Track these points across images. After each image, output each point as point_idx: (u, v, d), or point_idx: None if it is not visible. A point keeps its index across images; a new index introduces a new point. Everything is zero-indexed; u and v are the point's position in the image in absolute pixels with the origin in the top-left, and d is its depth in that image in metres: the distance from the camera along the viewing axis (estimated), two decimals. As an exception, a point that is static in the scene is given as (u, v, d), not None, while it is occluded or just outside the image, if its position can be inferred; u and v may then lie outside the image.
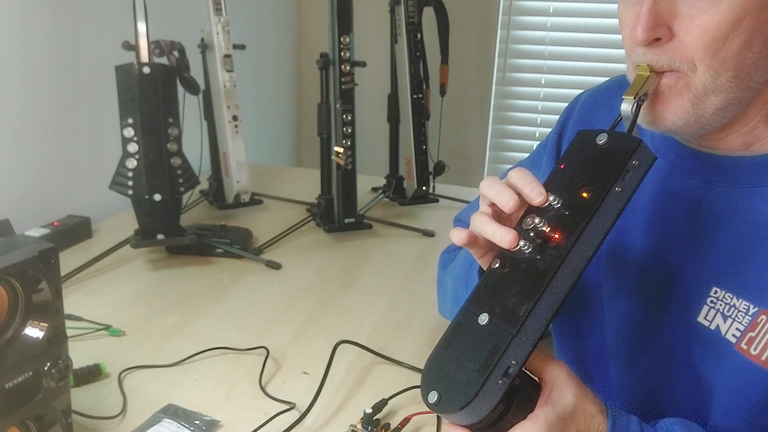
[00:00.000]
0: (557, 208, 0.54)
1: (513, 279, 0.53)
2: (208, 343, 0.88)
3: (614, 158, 0.53)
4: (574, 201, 0.53)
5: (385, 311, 1.01)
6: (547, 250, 0.52)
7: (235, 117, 1.32)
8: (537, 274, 0.52)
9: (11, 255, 0.57)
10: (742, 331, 0.59)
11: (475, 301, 0.55)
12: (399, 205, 1.49)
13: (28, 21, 1.15)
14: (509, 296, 0.52)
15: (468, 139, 2.11)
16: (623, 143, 0.53)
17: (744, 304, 0.59)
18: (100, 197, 1.21)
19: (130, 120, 1.06)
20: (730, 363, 0.61)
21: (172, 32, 1.18)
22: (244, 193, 1.38)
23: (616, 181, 0.52)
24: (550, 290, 0.51)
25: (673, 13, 0.55)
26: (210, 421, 0.73)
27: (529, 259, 0.53)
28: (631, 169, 0.52)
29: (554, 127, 0.84)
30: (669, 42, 0.56)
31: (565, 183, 0.55)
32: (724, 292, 0.61)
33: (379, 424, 0.73)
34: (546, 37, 1.99)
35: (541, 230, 0.53)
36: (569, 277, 0.51)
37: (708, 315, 0.62)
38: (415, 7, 1.41)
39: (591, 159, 0.55)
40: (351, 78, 1.25)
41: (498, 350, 0.50)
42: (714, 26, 0.53)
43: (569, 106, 0.83)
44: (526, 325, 0.50)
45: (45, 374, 0.61)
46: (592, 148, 0.55)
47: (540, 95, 2.05)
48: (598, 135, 0.55)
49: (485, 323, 0.52)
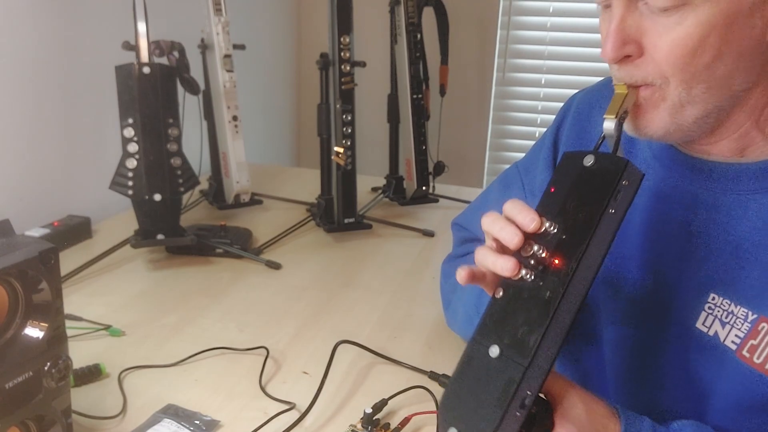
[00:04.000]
0: (554, 233, 0.54)
1: (518, 308, 0.54)
2: (208, 343, 0.88)
3: (604, 180, 0.53)
4: (570, 225, 0.54)
5: (385, 311, 1.01)
6: (549, 276, 0.53)
7: (235, 117, 1.32)
8: (542, 301, 0.52)
9: (11, 255, 0.57)
10: (741, 338, 0.60)
11: (483, 332, 0.55)
12: (399, 205, 1.49)
13: (28, 21, 1.15)
14: (517, 326, 0.53)
15: (468, 139, 2.11)
16: (611, 164, 0.54)
17: (742, 311, 0.59)
18: (100, 197, 1.21)
19: (130, 120, 1.06)
20: (730, 369, 0.60)
21: (172, 32, 1.19)
22: (244, 194, 1.38)
23: (608, 202, 0.52)
24: (557, 317, 0.51)
25: (641, 30, 0.56)
26: (210, 421, 0.73)
27: (533, 287, 0.53)
28: (622, 189, 0.53)
29: (549, 128, 0.84)
30: (640, 58, 0.57)
31: (558, 207, 0.55)
32: (721, 298, 0.61)
33: (379, 424, 0.73)
34: (546, 37, 1.99)
35: (540, 257, 0.54)
36: (574, 302, 0.52)
37: (706, 321, 0.62)
38: (415, 8, 1.41)
39: (580, 181, 0.55)
40: (351, 78, 1.25)
41: (512, 383, 0.51)
42: (681, 43, 0.54)
43: (564, 107, 0.83)
44: (537, 356, 0.51)
45: (45, 374, 0.61)
46: (580, 170, 0.55)
47: (540, 95, 2.05)
48: (585, 157, 0.55)
49: (496, 356, 0.53)
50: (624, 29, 0.56)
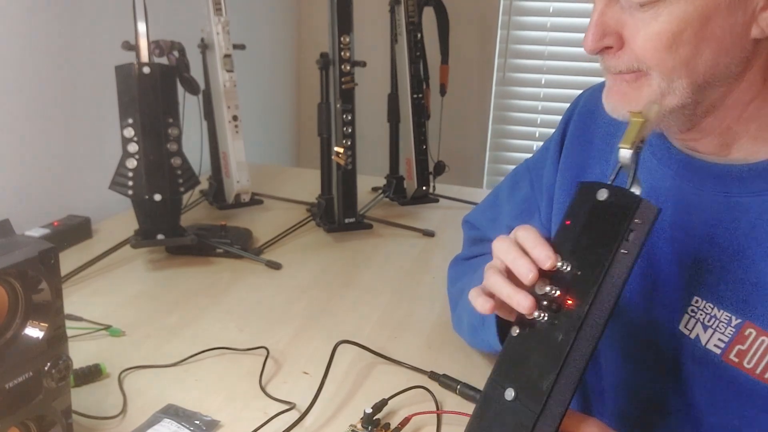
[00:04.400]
0: (567, 271, 0.53)
1: (533, 349, 0.53)
2: (208, 343, 0.88)
3: (616, 217, 0.52)
4: (583, 264, 0.53)
5: (385, 311, 1.01)
6: (562, 317, 0.52)
7: (235, 117, 1.32)
8: (555, 344, 0.51)
9: (11, 255, 0.57)
10: (726, 342, 0.60)
11: (501, 372, 0.55)
12: (399, 205, 1.49)
13: (28, 21, 1.15)
14: (531, 368, 0.52)
15: (468, 139, 2.11)
16: (624, 200, 0.52)
17: (725, 315, 0.60)
18: (100, 197, 1.21)
19: (130, 120, 1.06)
20: (716, 373, 0.60)
21: (172, 32, 1.18)
22: (244, 193, 1.38)
23: (620, 243, 0.51)
24: (569, 362, 0.51)
25: (621, 23, 0.57)
26: (210, 421, 0.73)
27: (546, 328, 0.53)
28: (635, 228, 0.51)
29: (558, 126, 0.84)
30: (621, 49, 0.58)
31: (572, 243, 0.54)
32: (704, 302, 0.61)
33: (379, 424, 0.73)
34: (546, 37, 1.99)
35: (554, 296, 0.53)
36: (587, 346, 0.51)
37: (689, 324, 0.62)
38: (415, 7, 1.41)
39: (594, 216, 0.53)
40: (351, 78, 1.25)
41: (526, 430, 0.51)
42: (656, 37, 0.55)
43: (572, 106, 0.83)
44: (550, 402, 0.50)
45: (45, 374, 0.61)
46: (594, 204, 0.54)
47: (540, 95, 2.05)
48: (599, 190, 0.54)
49: (511, 399, 0.53)
50: (604, 22, 0.58)
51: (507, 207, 0.91)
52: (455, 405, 0.77)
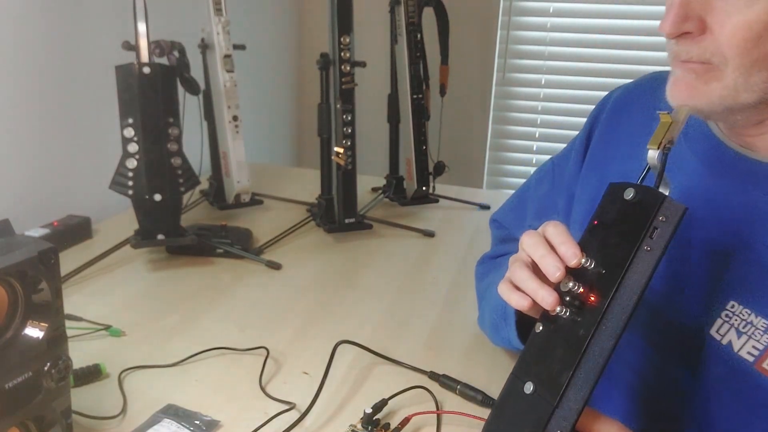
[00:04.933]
0: (592, 268, 0.53)
1: (555, 344, 0.54)
2: (208, 343, 0.88)
3: (640, 215, 0.52)
4: (607, 261, 0.53)
5: (385, 311, 1.01)
6: (585, 313, 0.52)
7: (235, 117, 1.32)
8: (576, 340, 0.52)
9: (11, 255, 0.57)
10: (761, 350, 0.57)
11: (522, 367, 0.56)
12: (399, 205, 1.49)
13: (27, 21, 1.15)
14: (552, 363, 0.53)
15: (468, 139, 2.11)
16: (649, 198, 0.52)
17: (763, 323, 0.57)
18: (100, 197, 1.21)
19: (130, 120, 1.06)
20: (746, 382, 0.58)
21: (172, 32, 1.19)
22: (245, 193, 1.38)
23: (642, 240, 0.51)
24: (588, 357, 0.51)
25: (708, 7, 0.54)
26: (210, 421, 0.73)
27: (569, 324, 0.53)
28: (659, 226, 0.51)
29: (584, 124, 0.82)
30: (701, 35, 0.55)
31: (599, 241, 0.54)
32: (741, 307, 0.58)
33: (379, 424, 0.73)
34: (546, 38, 1.99)
35: (577, 293, 0.53)
36: (607, 342, 0.51)
37: (721, 329, 0.60)
38: (415, 8, 1.41)
39: (620, 215, 0.54)
40: (351, 78, 1.25)
41: (542, 421, 0.51)
42: (747, 26, 0.52)
43: (601, 103, 0.81)
44: (566, 396, 0.51)
45: (45, 374, 0.61)
46: (622, 204, 0.54)
47: (540, 95, 2.05)
48: (626, 190, 0.54)
49: (530, 393, 0.53)
50: (689, 4, 0.54)
51: (534, 206, 0.91)
52: (455, 405, 0.77)
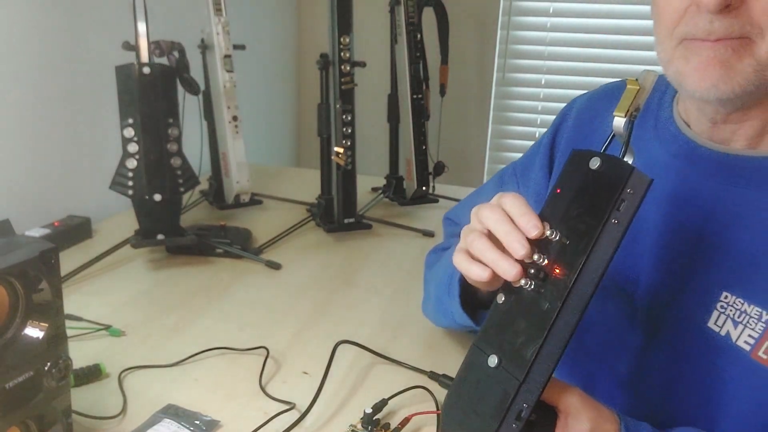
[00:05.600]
0: (556, 240, 0.53)
1: (518, 316, 0.53)
2: (208, 343, 0.88)
3: (607, 186, 0.51)
4: (572, 233, 0.52)
5: (385, 311, 1.01)
6: (549, 286, 0.52)
7: (235, 117, 1.32)
8: (540, 313, 0.51)
9: (12, 255, 0.57)
10: (756, 338, 0.58)
11: (485, 338, 0.55)
12: (399, 205, 1.49)
13: (28, 21, 1.15)
14: (516, 336, 0.52)
15: (468, 139, 2.11)
16: (616, 169, 0.51)
17: (756, 311, 0.58)
18: (100, 197, 1.22)
19: (130, 120, 1.06)
20: (744, 371, 0.59)
21: (172, 32, 1.18)
22: (244, 194, 1.38)
23: (610, 213, 0.50)
24: (554, 332, 0.50)
25: None
26: (210, 421, 0.73)
27: (532, 296, 0.53)
28: (626, 198, 0.50)
29: (547, 130, 0.83)
30: (739, 9, 0.54)
31: (562, 211, 0.53)
32: (734, 297, 0.59)
33: (379, 424, 0.73)
34: (546, 38, 1.99)
35: (541, 265, 0.53)
36: (573, 316, 0.50)
37: (718, 320, 0.60)
38: (415, 8, 1.41)
39: (585, 185, 0.53)
40: (351, 78, 1.25)
41: (508, 396, 0.51)
42: None
43: (563, 111, 0.82)
44: (533, 370, 0.50)
45: (45, 374, 0.61)
46: (586, 173, 0.53)
47: (540, 95, 2.05)
48: (591, 158, 0.53)
49: (495, 366, 0.53)
50: None
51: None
52: (455, 405, 0.77)
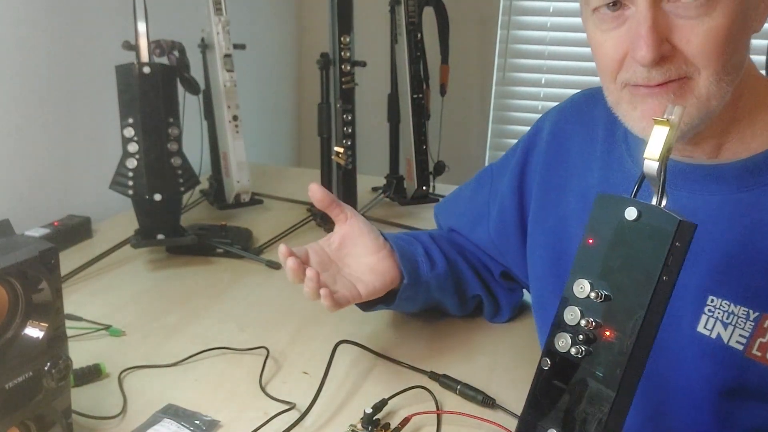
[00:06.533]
0: (602, 299, 0.49)
1: (572, 385, 0.49)
2: (208, 343, 0.88)
3: (653, 241, 0.47)
4: (618, 290, 0.48)
5: (385, 311, 1.01)
6: (602, 350, 0.48)
7: (235, 117, 1.32)
8: (598, 384, 0.48)
9: (11, 255, 0.57)
10: (747, 337, 0.59)
11: (538, 412, 0.51)
12: (399, 205, 1.49)
13: (27, 21, 1.15)
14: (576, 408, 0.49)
15: (468, 139, 2.11)
16: (659, 222, 0.47)
17: (743, 310, 0.59)
18: (100, 197, 1.21)
19: (130, 120, 1.06)
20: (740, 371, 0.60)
21: (172, 32, 1.18)
22: (245, 193, 1.38)
23: (662, 270, 0.46)
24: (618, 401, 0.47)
25: (670, 28, 0.55)
26: (210, 421, 0.73)
27: (585, 363, 0.49)
28: (674, 252, 0.46)
29: (521, 143, 0.84)
30: (672, 56, 0.56)
31: (600, 265, 0.49)
32: (720, 300, 0.61)
33: (379, 424, 0.73)
34: (546, 37, 1.99)
35: (590, 329, 0.49)
36: (632, 382, 0.47)
37: (707, 324, 0.62)
38: (415, 7, 1.41)
39: (623, 237, 0.49)
40: (351, 78, 1.25)
41: None
42: (713, 34, 0.54)
43: (537, 125, 0.82)
44: None
45: (45, 374, 0.61)
46: (622, 223, 0.49)
47: (540, 95, 2.05)
48: (627, 208, 0.48)
49: None
50: (657, 29, 0.55)
51: (468, 206, 0.95)
52: (455, 405, 0.77)
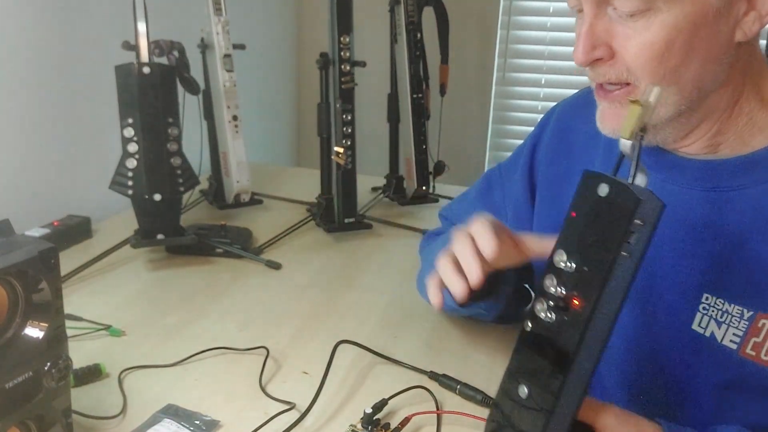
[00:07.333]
0: (572, 270, 0.52)
1: (544, 345, 0.54)
2: (208, 343, 0.88)
3: (617, 217, 0.50)
4: (588, 263, 0.52)
5: (385, 311, 1.01)
6: (569, 317, 0.52)
7: (235, 117, 1.32)
8: (562, 346, 0.52)
9: (11, 255, 0.57)
10: (741, 336, 0.60)
11: (516, 365, 0.56)
12: (399, 205, 1.49)
13: (27, 21, 1.15)
14: (542, 367, 0.53)
15: (468, 139, 2.11)
16: (624, 199, 0.49)
17: (737, 309, 0.60)
18: (100, 197, 1.21)
19: (130, 120, 1.06)
20: (735, 369, 0.60)
21: (172, 32, 1.18)
22: (244, 193, 1.38)
23: (620, 246, 0.49)
24: (577, 365, 0.51)
25: (611, 34, 0.58)
26: (210, 421, 0.73)
27: (554, 327, 0.53)
28: (636, 230, 0.49)
29: (529, 139, 0.85)
30: (612, 59, 0.59)
31: (577, 238, 0.53)
32: (715, 298, 0.61)
33: (379, 424, 0.73)
34: (546, 37, 1.99)
35: (560, 296, 0.53)
36: (594, 347, 0.51)
37: (702, 322, 0.62)
38: (415, 7, 1.41)
39: (597, 211, 0.52)
40: (351, 78, 1.25)
41: (538, 428, 0.52)
42: (648, 47, 0.56)
43: (543, 120, 0.84)
44: (560, 404, 0.51)
45: (45, 374, 0.61)
46: (596, 199, 0.52)
47: (540, 95, 2.05)
48: (599, 185, 0.51)
49: (525, 397, 0.54)
50: (594, 33, 0.58)
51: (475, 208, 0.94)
52: (455, 405, 0.77)
